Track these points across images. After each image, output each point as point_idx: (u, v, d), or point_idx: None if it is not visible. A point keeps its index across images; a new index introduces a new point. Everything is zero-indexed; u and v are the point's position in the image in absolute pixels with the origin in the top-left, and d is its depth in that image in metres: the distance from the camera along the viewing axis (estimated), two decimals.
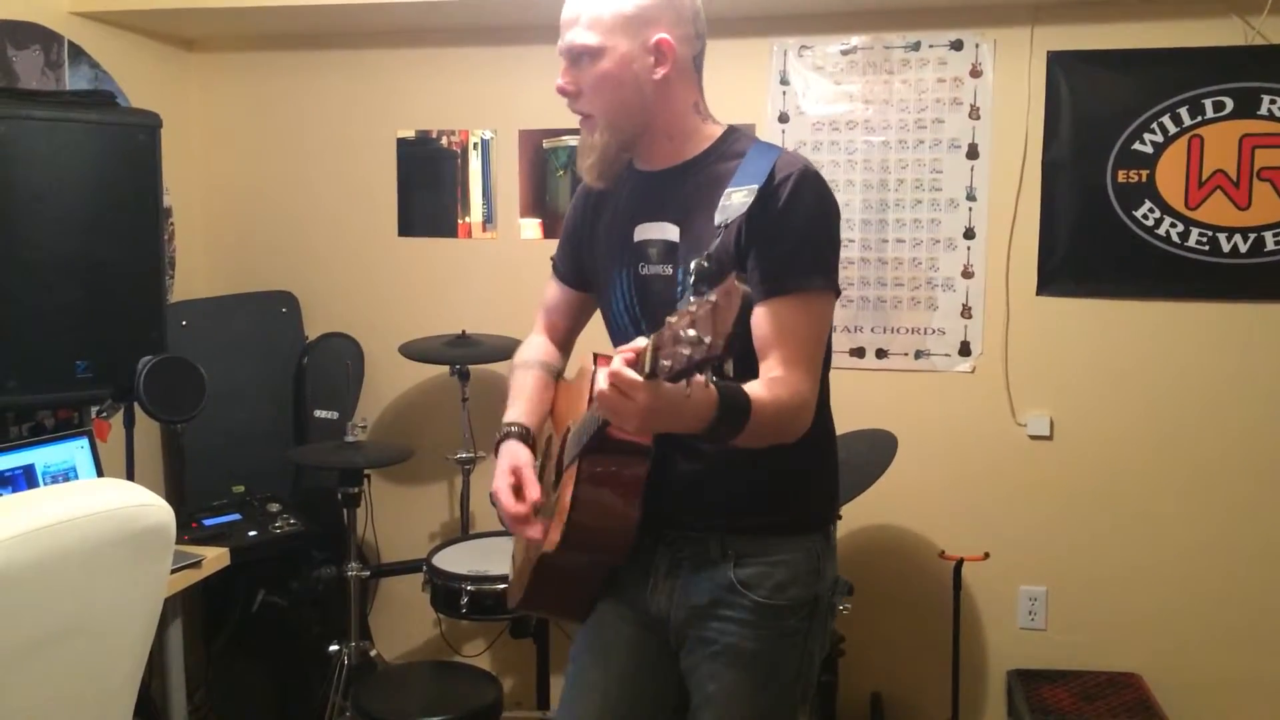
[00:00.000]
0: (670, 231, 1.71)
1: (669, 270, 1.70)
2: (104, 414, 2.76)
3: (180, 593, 2.66)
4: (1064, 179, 3.11)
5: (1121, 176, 3.07)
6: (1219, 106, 2.98)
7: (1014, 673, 3.18)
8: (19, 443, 2.53)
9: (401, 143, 3.54)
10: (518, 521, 1.71)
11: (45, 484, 2.49)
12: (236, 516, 3.14)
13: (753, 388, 1.51)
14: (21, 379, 2.52)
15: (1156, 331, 3.09)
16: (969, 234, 3.18)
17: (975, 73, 3.13)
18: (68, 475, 2.55)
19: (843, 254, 3.25)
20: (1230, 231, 3.02)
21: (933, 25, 3.14)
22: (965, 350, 3.21)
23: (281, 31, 3.54)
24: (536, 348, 2.01)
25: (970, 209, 3.17)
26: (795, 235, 1.61)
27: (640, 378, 1.33)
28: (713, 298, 1.22)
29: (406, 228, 3.58)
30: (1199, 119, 3.00)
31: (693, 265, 1.57)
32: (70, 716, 1.49)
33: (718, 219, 1.62)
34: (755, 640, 1.69)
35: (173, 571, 2.47)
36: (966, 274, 3.19)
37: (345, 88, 3.57)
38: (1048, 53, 3.08)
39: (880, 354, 3.26)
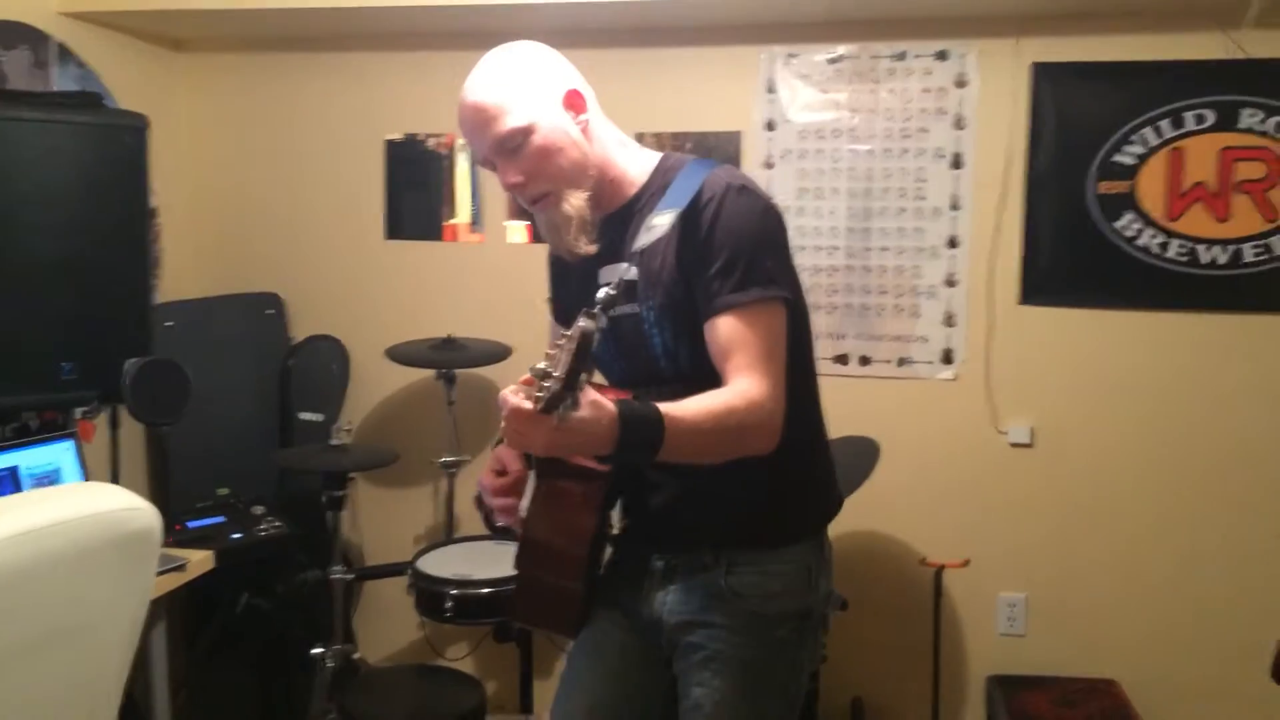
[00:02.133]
0: (630, 271, 1.71)
1: (634, 308, 1.72)
2: (89, 415, 2.75)
3: (164, 595, 2.67)
4: (1047, 189, 3.14)
5: (1103, 188, 3.10)
6: (1200, 119, 3.02)
7: (993, 679, 3.21)
8: (3, 444, 2.52)
9: (390, 145, 3.55)
10: (495, 494, 1.74)
11: (30, 486, 2.49)
12: (221, 519, 3.14)
13: (690, 400, 1.53)
14: (6, 380, 2.52)
15: (1137, 341, 3.13)
16: (953, 243, 3.21)
17: (960, 83, 3.16)
18: (52, 478, 2.55)
19: (827, 261, 3.31)
20: (1210, 243, 3.05)
21: (919, 35, 3.17)
22: (948, 358, 3.24)
23: (270, 34, 3.54)
24: None
25: (954, 218, 3.20)
26: (723, 254, 1.62)
27: (530, 408, 1.38)
28: (568, 333, 1.32)
29: (394, 230, 3.58)
30: (1180, 131, 3.04)
31: (600, 294, 1.52)
32: (57, 718, 1.49)
33: (634, 246, 1.65)
34: (744, 648, 1.71)
35: (158, 575, 2.47)
36: (950, 282, 3.22)
37: (333, 90, 3.57)
38: (1032, 64, 3.11)
39: (864, 361, 3.28)
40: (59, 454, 2.57)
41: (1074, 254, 3.14)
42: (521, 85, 1.67)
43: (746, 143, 3.30)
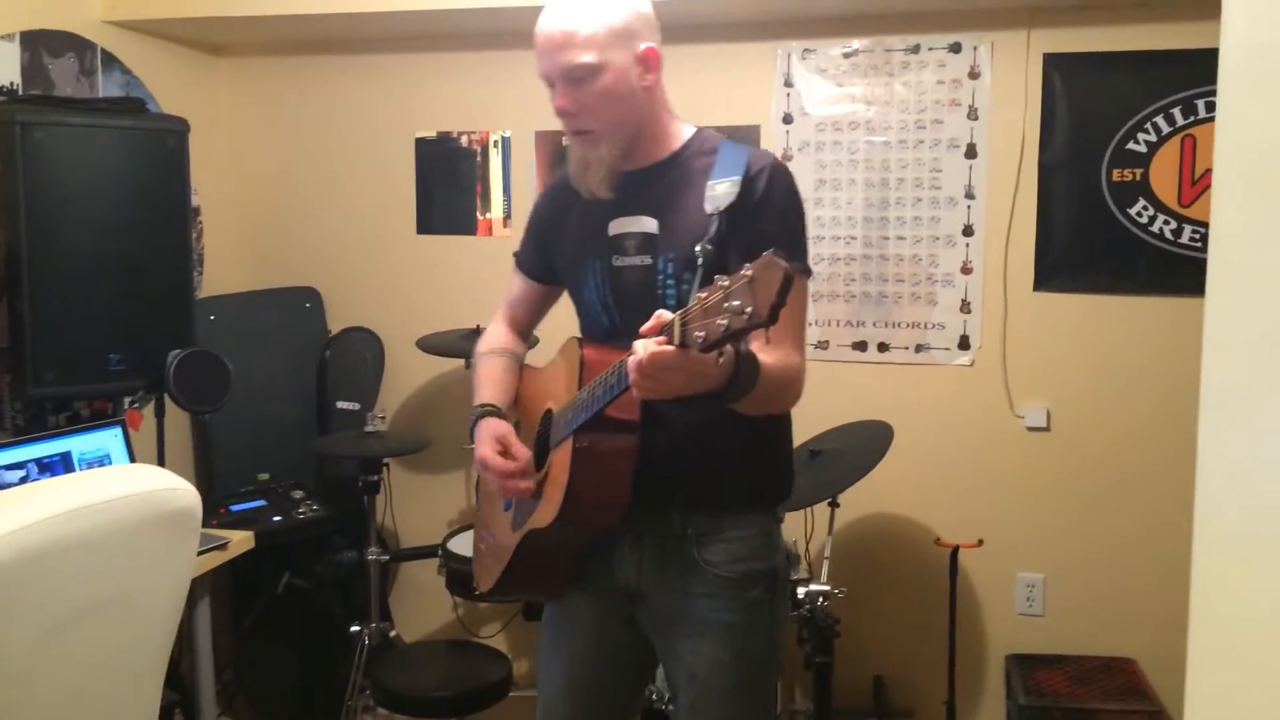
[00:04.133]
0: (648, 224, 1.80)
1: (648, 260, 1.80)
2: (136, 404, 2.90)
3: (209, 574, 2.81)
4: (1060, 178, 3.19)
5: (1116, 175, 3.15)
6: (1211, 106, 3.05)
7: (1012, 657, 3.27)
8: (57, 431, 2.67)
9: (420, 142, 3.67)
10: (510, 477, 1.80)
11: (81, 470, 2.63)
12: (262, 503, 3.28)
13: (760, 353, 1.58)
14: (59, 371, 2.67)
15: (1150, 326, 3.17)
16: (968, 231, 3.27)
17: (973, 74, 3.22)
18: (103, 462, 2.69)
19: (844, 251, 3.37)
20: None
21: (932, 29, 3.22)
22: (964, 344, 3.30)
23: (306, 37, 3.67)
24: (499, 336, 2.13)
25: (969, 207, 3.26)
26: (774, 222, 1.73)
27: (674, 349, 1.41)
28: (749, 272, 1.30)
29: (425, 226, 3.70)
30: (1191, 119, 3.07)
31: (698, 249, 1.67)
32: (105, 685, 1.61)
33: (708, 208, 1.73)
34: (726, 613, 1.79)
35: (200, 553, 2.61)
36: (965, 270, 3.28)
37: (366, 91, 3.70)
38: (1044, 55, 3.16)
39: (882, 348, 3.35)
40: (108, 440, 2.71)
41: (1087, 241, 3.19)
42: (610, 26, 1.72)
43: (765, 136, 3.38)
